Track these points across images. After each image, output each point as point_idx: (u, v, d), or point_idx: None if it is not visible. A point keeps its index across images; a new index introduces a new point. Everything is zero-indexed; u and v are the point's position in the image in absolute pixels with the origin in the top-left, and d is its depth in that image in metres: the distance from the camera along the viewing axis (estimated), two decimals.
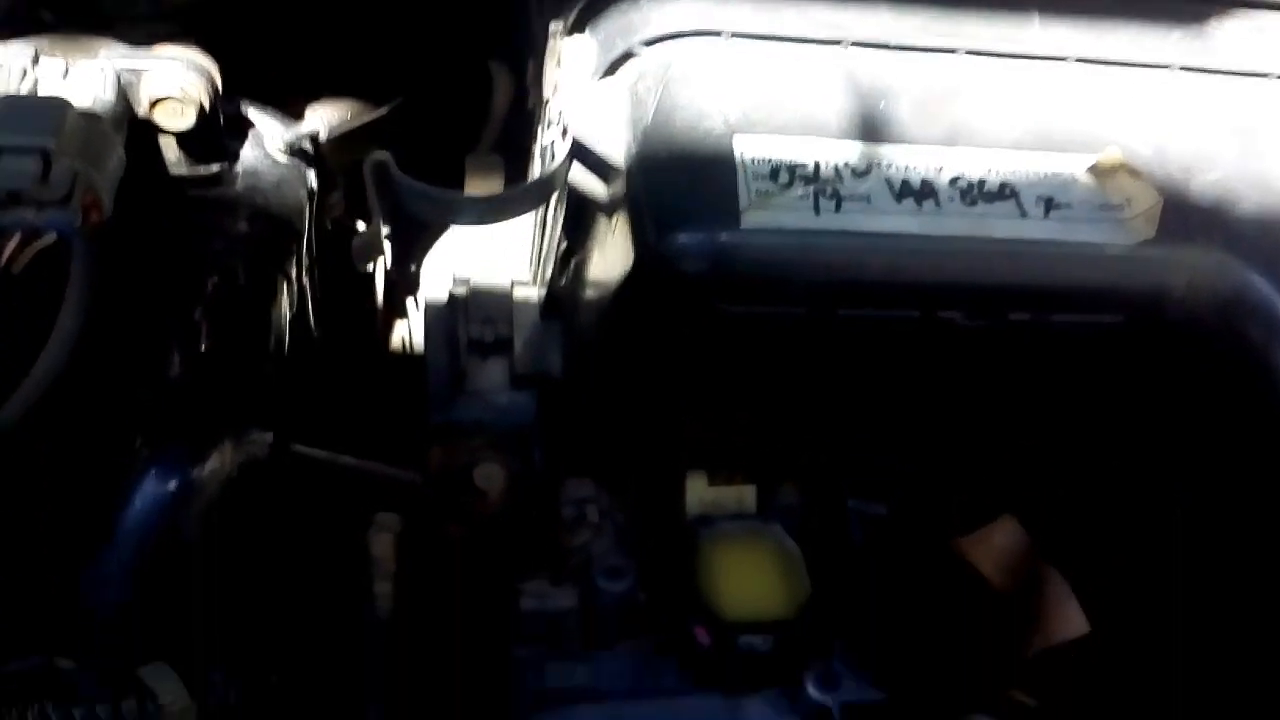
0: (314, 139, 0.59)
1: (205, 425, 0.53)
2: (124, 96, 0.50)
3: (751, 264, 0.47)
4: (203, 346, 0.55)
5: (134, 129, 0.50)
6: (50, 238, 0.45)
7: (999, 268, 0.49)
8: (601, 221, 0.56)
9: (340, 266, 0.73)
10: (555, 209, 0.61)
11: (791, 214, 0.47)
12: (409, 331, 0.78)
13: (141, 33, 0.54)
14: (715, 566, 0.71)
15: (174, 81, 0.50)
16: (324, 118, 0.58)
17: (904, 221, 0.48)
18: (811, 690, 0.69)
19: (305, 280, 0.63)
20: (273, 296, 0.59)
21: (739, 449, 0.69)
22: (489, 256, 0.67)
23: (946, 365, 0.57)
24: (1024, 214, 0.49)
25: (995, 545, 0.77)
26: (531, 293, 0.68)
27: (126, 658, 0.51)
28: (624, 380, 0.61)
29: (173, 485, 0.51)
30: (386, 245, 0.54)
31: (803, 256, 0.47)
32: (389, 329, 0.79)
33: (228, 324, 0.56)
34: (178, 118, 0.51)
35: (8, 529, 0.61)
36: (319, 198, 0.62)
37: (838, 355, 0.55)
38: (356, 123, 0.59)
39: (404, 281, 0.75)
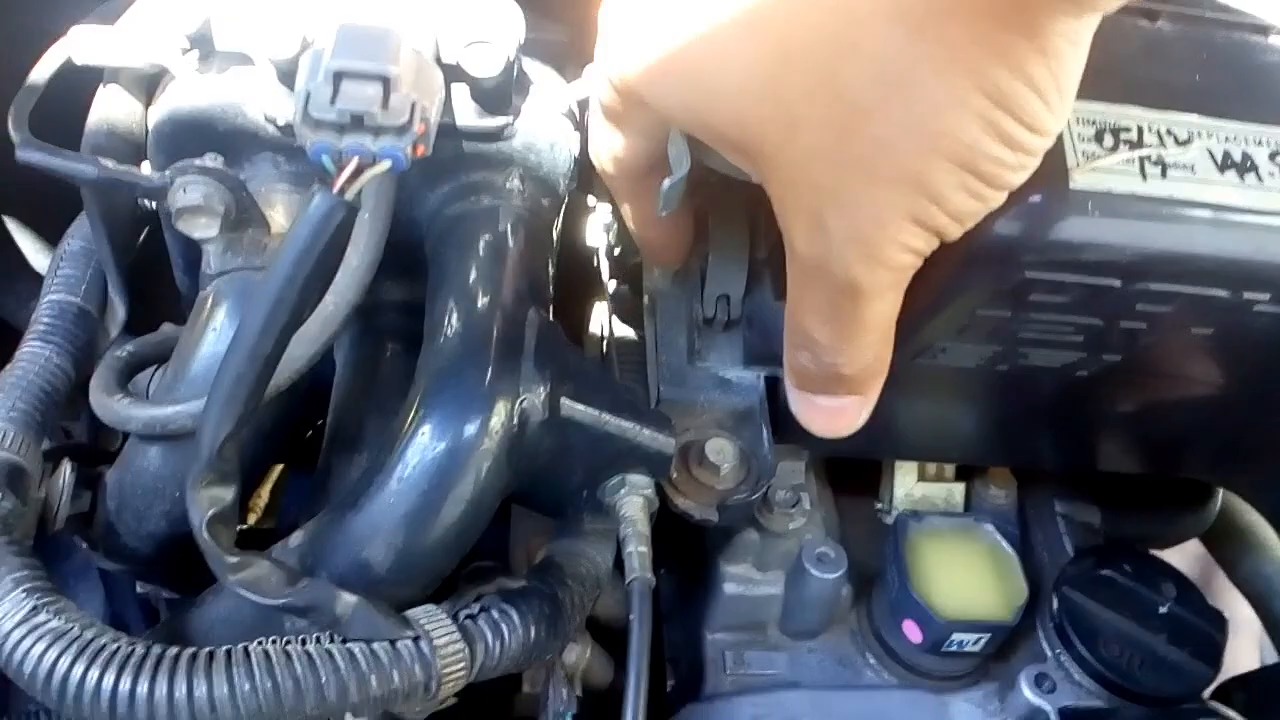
0: (585, 102, 0.58)
1: (483, 383, 0.51)
2: (435, 36, 0.50)
3: (1075, 229, 0.45)
4: (478, 304, 0.53)
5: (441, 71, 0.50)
6: (383, 166, 0.44)
7: None
8: None
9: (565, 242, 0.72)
10: None
11: (1119, 178, 0.45)
12: (608, 314, 0.77)
13: None
14: (930, 562, 0.69)
15: (487, 25, 0.49)
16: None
17: (1227, 194, 0.46)
18: (1027, 692, 0.67)
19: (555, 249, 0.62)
20: (541, 261, 0.58)
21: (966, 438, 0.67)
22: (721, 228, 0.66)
23: (1219, 353, 0.55)
24: None
25: None
26: (762, 273, 0.67)
27: (394, 600, 0.50)
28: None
29: (450, 441, 0.50)
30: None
31: (1130, 224, 0.45)
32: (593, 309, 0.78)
33: (501, 285, 0.54)
34: (486, 65, 0.50)
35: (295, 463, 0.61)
36: None
37: (1116, 336, 0.53)
38: None
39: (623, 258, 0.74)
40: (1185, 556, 0.99)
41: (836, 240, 0.41)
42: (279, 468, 0.76)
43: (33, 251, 0.81)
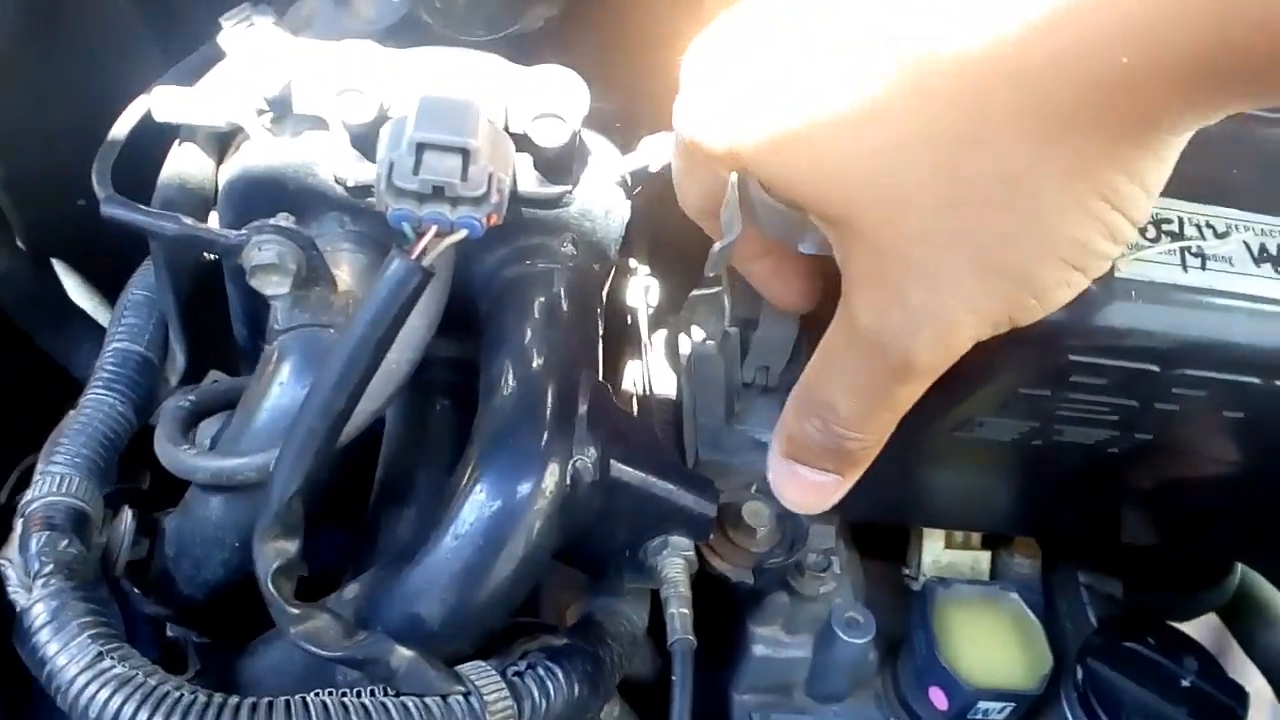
0: (640, 173, 0.60)
1: (537, 444, 0.53)
2: (505, 107, 0.52)
3: (1120, 315, 0.47)
4: (533, 365, 0.55)
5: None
6: (460, 234, 0.46)
7: None
8: None
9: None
10: None
11: (1161, 269, 0.47)
12: (644, 373, 0.79)
13: (515, 48, 0.56)
14: (957, 629, 0.70)
15: (556, 99, 0.52)
16: (658, 153, 0.60)
17: (1263, 285, 0.48)
18: None
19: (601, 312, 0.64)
20: (592, 324, 0.60)
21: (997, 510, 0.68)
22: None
23: (1248, 436, 0.57)
24: None
25: None
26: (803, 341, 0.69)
27: (444, 655, 0.51)
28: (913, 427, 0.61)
29: (504, 500, 0.51)
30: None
31: (1172, 312, 0.47)
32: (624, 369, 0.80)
33: (555, 348, 0.56)
34: (553, 136, 0.53)
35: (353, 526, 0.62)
36: None
37: (1150, 417, 0.54)
38: None
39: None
40: (1198, 628, 1.00)
41: (912, 318, 0.42)
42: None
43: (78, 293, 0.83)
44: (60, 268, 0.84)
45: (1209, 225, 0.49)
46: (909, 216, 0.40)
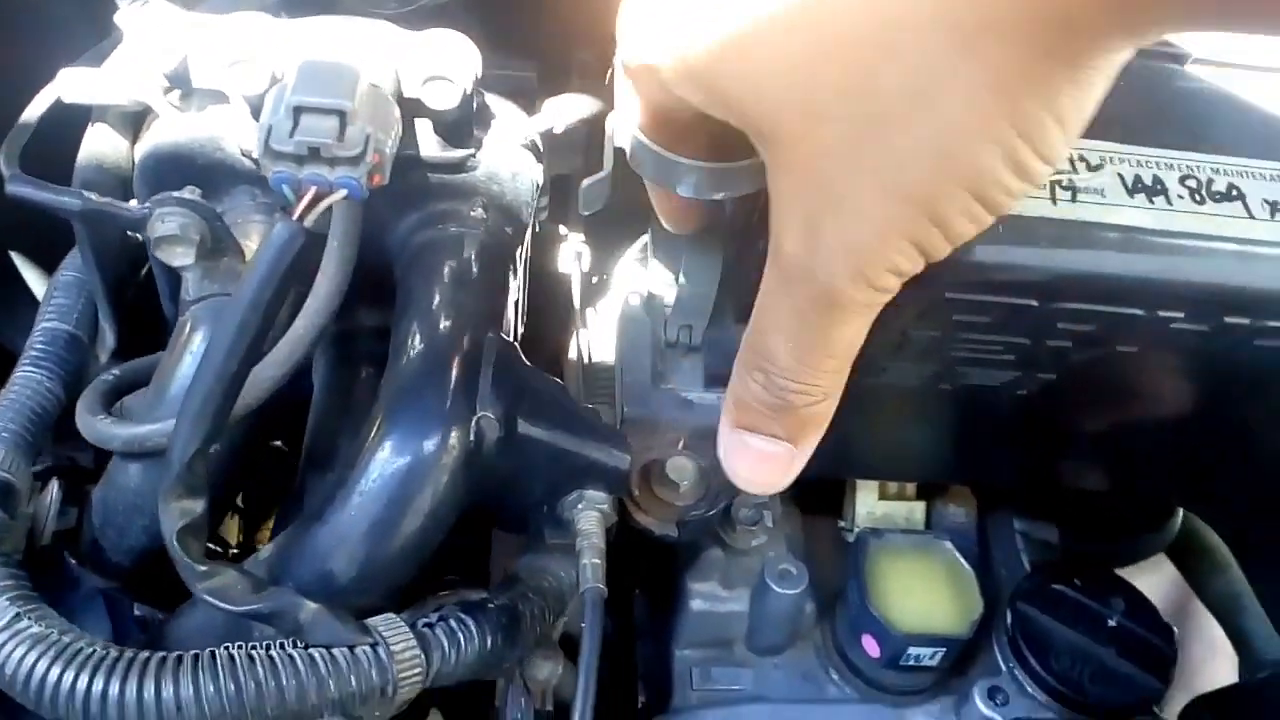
0: (547, 134, 0.61)
1: (442, 402, 0.53)
2: (396, 73, 0.53)
3: (987, 251, 0.47)
4: (439, 327, 0.56)
5: (401, 105, 0.53)
6: (339, 194, 0.47)
7: (1226, 267, 0.49)
8: None
9: (538, 269, 0.75)
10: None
11: (1029, 203, 0.47)
12: (584, 340, 0.80)
13: (430, 21, 0.57)
14: (888, 578, 0.70)
15: (445, 62, 0.52)
16: (561, 113, 0.60)
17: (1136, 216, 0.48)
18: (980, 704, 0.68)
19: (521, 274, 0.64)
20: (502, 286, 0.60)
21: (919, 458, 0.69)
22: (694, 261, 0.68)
23: (1151, 372, 0.57)
24: (1250, 215, 0.50)
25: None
26: (724, 298, 0.69)
27: (356, 608, 0.52)
28: None
29: (409, 457, 0.52)
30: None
31: (1041, 245, 0.47)
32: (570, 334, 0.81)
33: (462, 309, 0.57)
34: (444, 99, 0.53)
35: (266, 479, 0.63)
36: None
37: (1045, 354, 0.55)
38: (588, 116, 0.61)
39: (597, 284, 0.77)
40: (1165, 578, 1.00)
41: (828, 247, 0.40)
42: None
43: (37, 283, 0.85)
44: (19, 260, 0.85)
45: (1082, 159, 0.49)
46: (824, 128, 0.37)
